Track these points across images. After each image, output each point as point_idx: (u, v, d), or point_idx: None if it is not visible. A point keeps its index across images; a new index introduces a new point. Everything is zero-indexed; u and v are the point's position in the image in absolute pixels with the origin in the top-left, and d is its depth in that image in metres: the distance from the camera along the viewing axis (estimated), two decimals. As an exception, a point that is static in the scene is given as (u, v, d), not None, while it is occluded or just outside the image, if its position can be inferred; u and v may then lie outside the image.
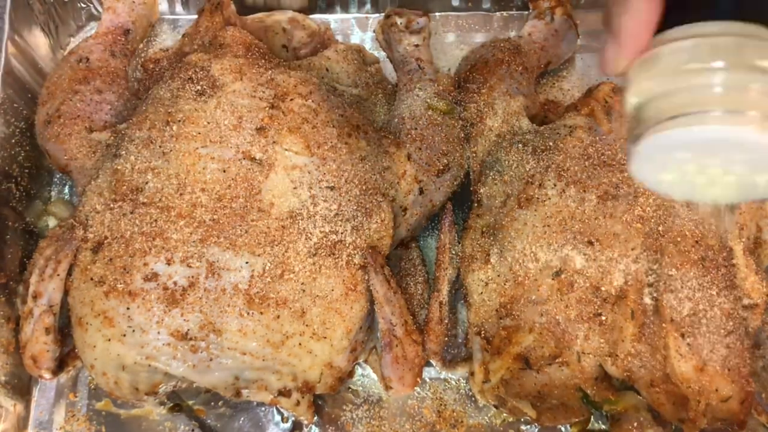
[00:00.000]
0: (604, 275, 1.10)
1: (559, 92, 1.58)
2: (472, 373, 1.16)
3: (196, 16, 1.49)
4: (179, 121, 1.17)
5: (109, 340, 1.06)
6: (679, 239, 1.12)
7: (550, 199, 1.16)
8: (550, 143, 1.23)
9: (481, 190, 1.28)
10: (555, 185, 1.17)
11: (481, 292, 1.17)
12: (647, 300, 1.10)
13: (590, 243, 1.12)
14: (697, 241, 1.12)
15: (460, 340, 1.22)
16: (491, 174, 1.27)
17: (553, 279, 1.11)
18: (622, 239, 1.12)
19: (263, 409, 1.26)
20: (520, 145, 1.26)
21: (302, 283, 1.09)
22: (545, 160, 1.21)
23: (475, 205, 1.28)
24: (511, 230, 1.17)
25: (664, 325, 1.08)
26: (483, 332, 1.16)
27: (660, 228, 1.13)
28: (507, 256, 1.15)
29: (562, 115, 1.33)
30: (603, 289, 1.10)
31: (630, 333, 1.08)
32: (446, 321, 1.20)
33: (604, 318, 1.10)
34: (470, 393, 1.27)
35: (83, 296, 1.09)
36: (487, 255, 1.18)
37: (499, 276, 1.16)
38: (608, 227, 1.13)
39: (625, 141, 0.73)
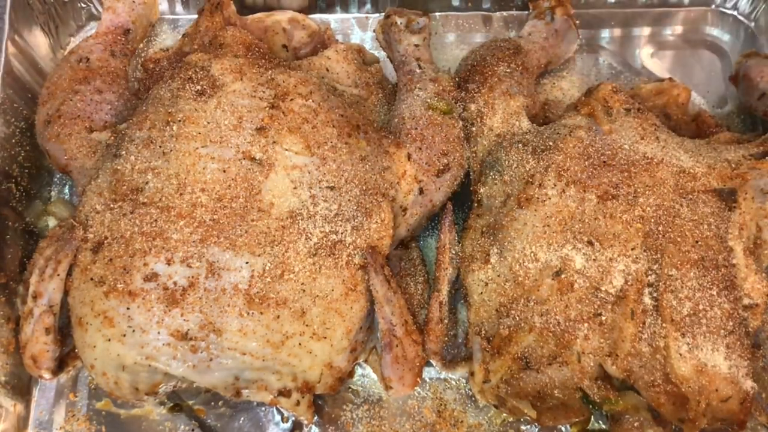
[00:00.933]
0: (604, 275, 1.10)
1: (559, 92, 1.58)
2: (472, 373, 1.16)
3: (196, 16, 1.49)
4: (179, 121, 1.17)
5: (109, 340, 1.06)
6: (679, 239, 1.12)
7: (550, 199, 1.16)
8: (550, 143, 1.23)
9: (481, 190, 1.28)
10: (555, 185, 1.17)
11: (481, 292, 1.17)
12: (647, 300, 1.10)
13: (590, 243, 1.12)
14: (697, 241, 1.12)
15: (460, 340, 1.22)
16: (491, 174, 1.27)
17: (553, 279, 1.11)
18: (622, 239, 1.12)
19: (263, 409, 1.26)
20: (520, 145, 1.26)
21: (302, 283, 1.09)
22: (545, 160, 1.20)
23: (475, 205, 1.28)
24: (511, 230, 1.17)
25: (664, 325, 1.08)
26: (483, 332, 1.15)
27: (660, 228, 1.13)
28: (507, 256, 1.15)
29: (562, 115, 1.33)
30: (603, 289, 1.10)
31: (630, 333, 1.08)
32: (446, 321, 1.20)
33: (604, 318, 1.09)
34: (470, 393, 1.27)
35: (83, 296, 1.09)
36: (487, 255, 1.18)
37: (499, 276, 1.16)
38: (608, 227, 1.13)
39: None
